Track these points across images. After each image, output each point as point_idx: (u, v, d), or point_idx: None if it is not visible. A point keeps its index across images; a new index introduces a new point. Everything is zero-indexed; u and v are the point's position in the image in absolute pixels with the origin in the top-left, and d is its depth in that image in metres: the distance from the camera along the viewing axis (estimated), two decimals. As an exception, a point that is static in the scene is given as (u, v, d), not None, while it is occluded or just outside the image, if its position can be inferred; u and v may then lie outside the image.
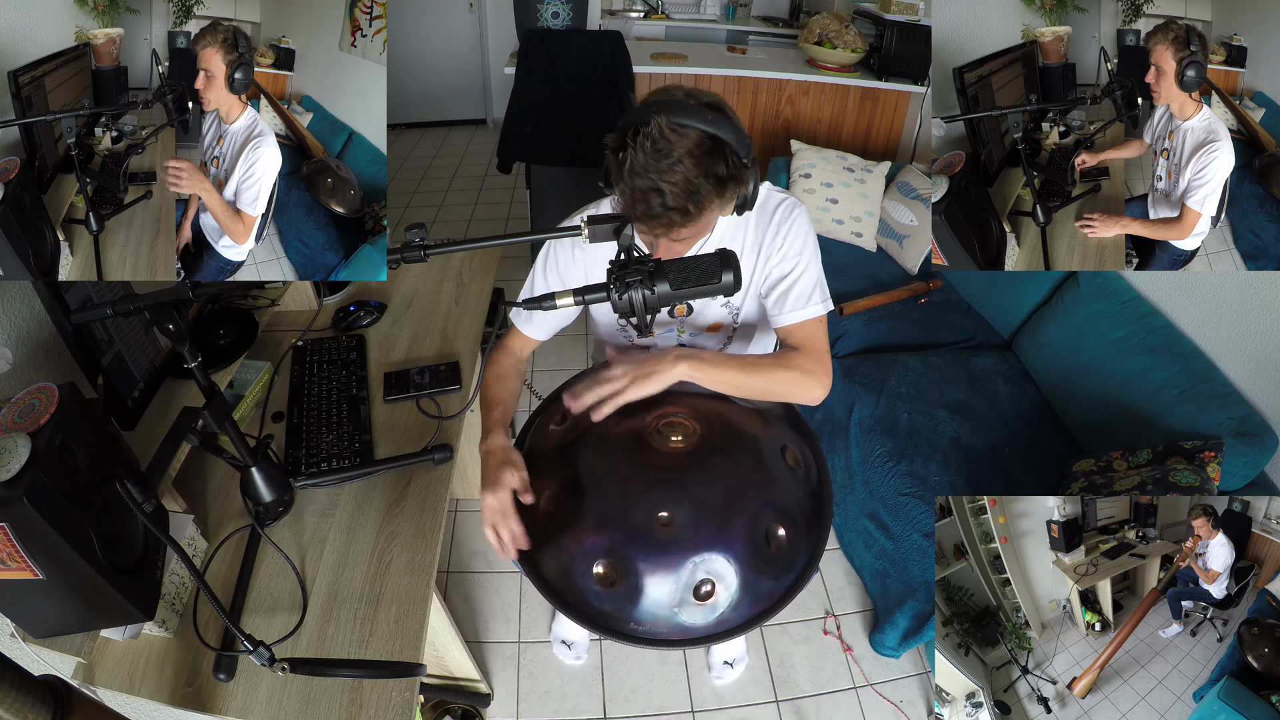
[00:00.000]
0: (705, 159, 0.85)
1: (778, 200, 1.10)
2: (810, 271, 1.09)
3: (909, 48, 3.09)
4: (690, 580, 0.83)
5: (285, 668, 0.80)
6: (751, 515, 0.87)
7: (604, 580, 0.84)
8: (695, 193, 0.86)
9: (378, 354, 1.46)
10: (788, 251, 1.09)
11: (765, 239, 1.09)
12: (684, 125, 0.84)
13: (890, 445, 1.85)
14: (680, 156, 0.84)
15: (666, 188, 0.84)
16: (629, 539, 0.84)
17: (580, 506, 0.88)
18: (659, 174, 0.84)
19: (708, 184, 0.86)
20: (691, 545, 0.83)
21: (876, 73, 3.23)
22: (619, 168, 0.87)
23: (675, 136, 0.84)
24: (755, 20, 4.18)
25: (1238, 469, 1.50)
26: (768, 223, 1.09)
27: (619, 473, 0.90)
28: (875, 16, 3.22)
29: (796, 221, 1.09)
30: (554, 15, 3.11)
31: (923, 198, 2.49)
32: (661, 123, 0.84)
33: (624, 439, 0.92)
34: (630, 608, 0.83)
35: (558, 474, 0.93)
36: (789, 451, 0.93)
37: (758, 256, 1.11)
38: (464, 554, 2.08)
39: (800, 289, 1.09)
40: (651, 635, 0.84)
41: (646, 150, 0.84)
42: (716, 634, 0.86)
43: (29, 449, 0.66)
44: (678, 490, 0.87)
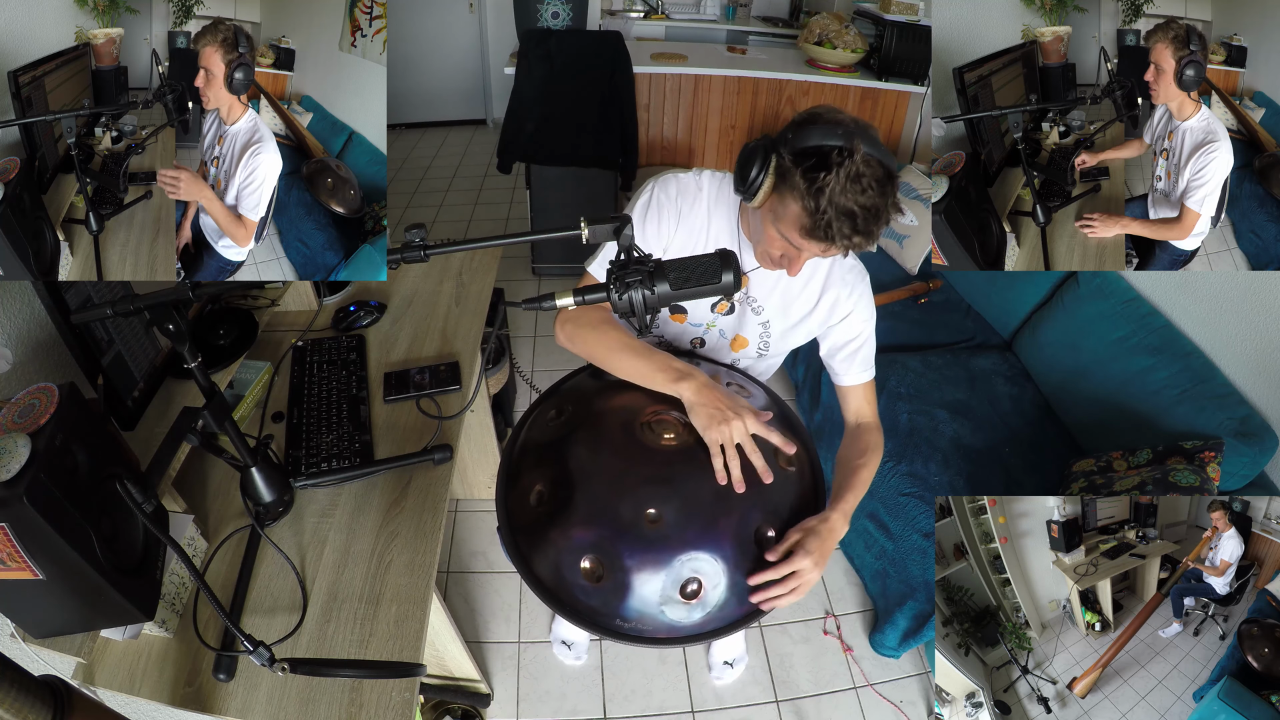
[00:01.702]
0: (890, 188, 0.91)
1: (850, 262, 1.14)
2: (868, 336, 1.16)
3: (909, 48, 3.09)
4: (677, 578, 0.83)
5: (285, 668, 0.80)
6: (740, 515, 0.87)
7: (591, 575, 0.84)
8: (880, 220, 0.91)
9: (378, 354, 1.46)
10: (863, 313, 1.14)
11: (842, 293, 1.13)
12: (874, 157, 0.89)
13: (890, 445, 1.85)
14: (881, 185, 0.89)
15: (860, 213, 0.89)
16: (617, 535, 0.84)
17: (570, 501, 0.88)
18: (883, 196, 0.89)
19: (888, 214, 0.92)
20: (679, 543, 0.83)
21: (876, 73, 3.23)
22: (809, 185, 0.89)
23: (871, 167, 0.88)
24: (755, 20, 4.18)
25: (1238, 469, 1.50)
26: (844, 273, 1.12)
27: (609, 468, 0.90)
28: (875, 16, 3.21)
29: (866, 282, 1.14)
30: (554, 15, 3.11)
31: (923, 198, 2.49)
32: (864, 151, 0.88)
33: (615, 435, 0.92)
34: (617, 603, 0.83)
35: (549, 468, 0.93)
36: (780, 454, 0.93)
37: (820, 301, 1.13)
38: (464, 554, 2.08)
39: (867, 352, 1.17)
40: (638, 633, 0.84)
41: (866, 174, 0.88)
42: (703, 633, 0.86)
43: (29, 449, 0.66)
44: (667, 488, 0.87)
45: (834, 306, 1.13)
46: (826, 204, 0.88)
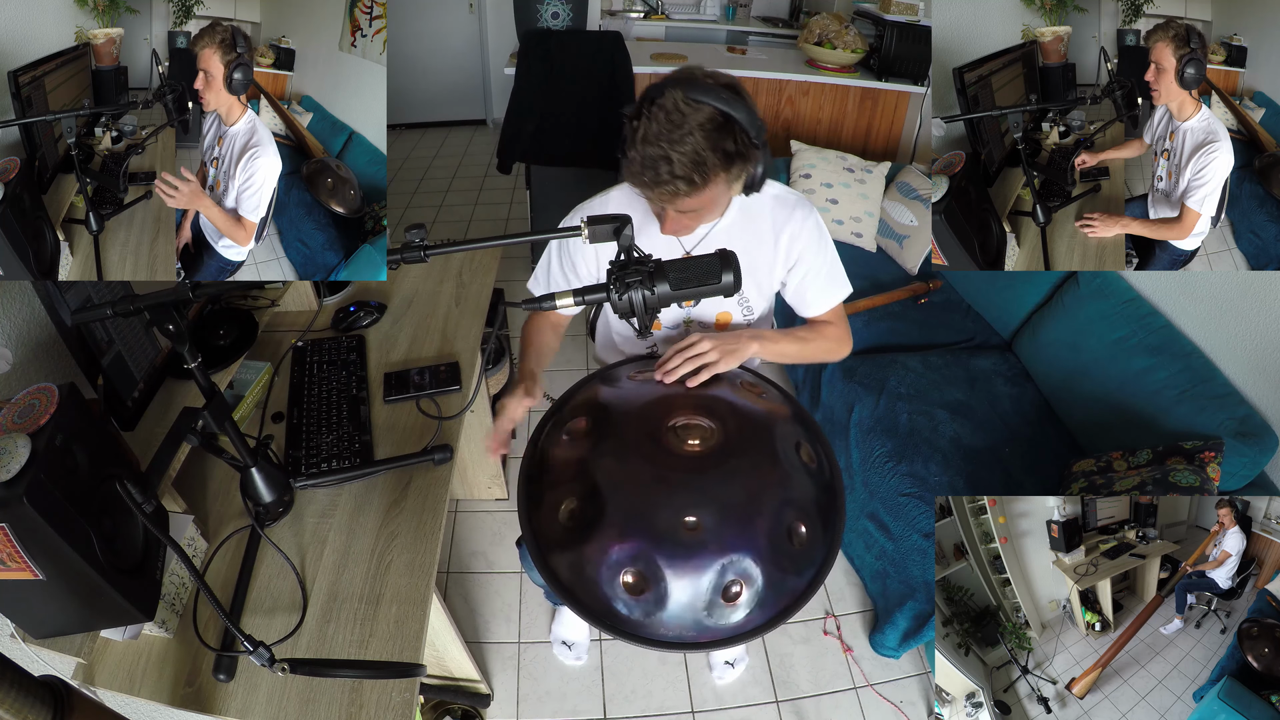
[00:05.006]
0: (715, 134, 0.90)
1: (794, 199, 1.16)
2: (825, 264, 1.19)
3: (909, 48, 3.09)
4: (719, 582, 0.82)
5: (285, 668, 0.80)
6: (774, 513, 0.87)
7: (633, 589, 0.83)
8: (702, 164, 0.91)
9: (378, 354, 1.46)
10: (806, 248, 1.17)
11: (784, 236, 1.15)
12: (699, 100, 0.90)
13: (890, 445, 1.85)
14: (692, 129, 0.89)
15: (675, 156, 0.90)
16: (656, 545, 0.83)
17: (603, 515, 0.86)
18: (670, 143, 0.90)
19: (715, 157, 0.91)
20: (719, 547, 0.83)
21: (876, 73, 3.23)
22: (633, 135, 0.93)
23: (689, 109, 0.90)
24: (755, 20, 4.18)
25: (1238, 469, 1.50)
26: (787, 218, 1.15)
27: (640, 479, 0.89)
28: (875, 17, 3.21)
29: (809, 219, 1.16)
30: (554, 15, 3.11)
31: (923, 198, 2.49)
32: (677, 96, 0.90)
33: (642, 445, 0.92)
34: (659, 613, 0.82)
35: (578, 483, 0.92)
36: (803, 448, 0.93)
37: (775, 250, 1.17)
38: (464, 554, 2.08)
39: (820, 283, 1.20)
40: (678, 639, 0.84)
41: (660, 120, 0.90)
42: (744, 633, 0.85)
43: (29, 449, 0.66)
44: (701, 493, 0.87)
45: (790, 244, 1.17)
46: (640, 151, 0.92)
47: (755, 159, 0.98)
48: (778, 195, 1.16)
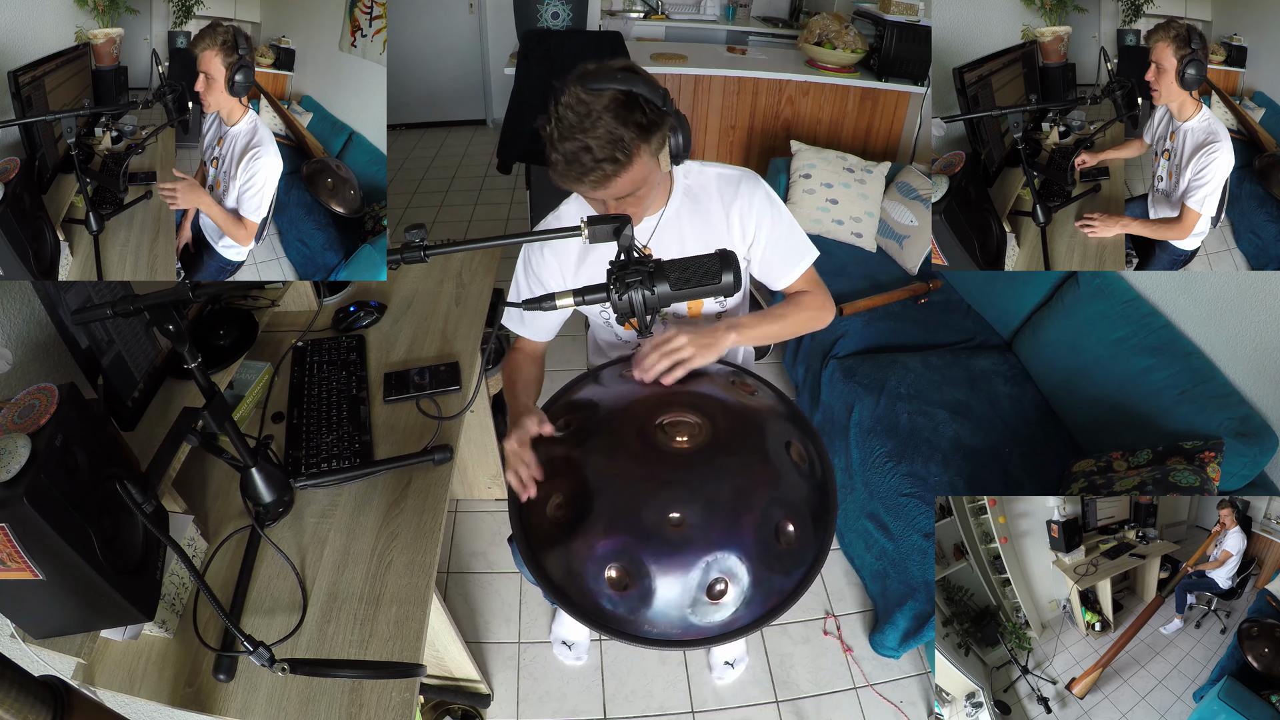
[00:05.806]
0: (623, 111, 0.93)
1: (738, 174, 1.17)
2: (784, 232, 1.19)
3: (909, 48, 3.09)
4: (704, 579, 0.82)
5: (285, 668, 0.80)
6: (761, 512, 0.87)
7: (617, 584, 0.83)
8: (620, 140, 0.93)
9: (378, 354, 1.46)
10: (760, 220, 1.17)
11: (734, 212, 1.16)
12: (598, 88, 0.93)
13: (890, 445, 1.85)
14: (599, 113, 0.92)
15: (593, 143, 0.92)
16: (641, 541, 0.83)
17: (590, 511, 0.87)
18: (584, 132, 0.92)
19: (630, 132, 0.94)
20: (704, 545, 0.83)
21: (876, 73, 3.23)
22: (549, 140, 0.96)
23: (591, 98, 0.93)
24: (755, 20, 4.19)
25: (1238, 469, 1.50)
26: (734, 194, 1.16)
27: (627, 475, 0.89)
28: (875, 17, 3.22)
29: (757, 191, 1.17)
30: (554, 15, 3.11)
31: (923, 198, 2.49)
32: (578, 90, 0.93)
33: (630, 441, 0.92)
34: (644, 610, 0.83)
35: (566, 479, 0.93)
36: (793, 447, 0.93)
37: (729, 227, 1.18)
38: (464, 554, 2.08)
39: (783, 251, 1.20)
40: (664, 636, 0.84)
41: (569, 116, 0.93)
42: (730, 632, 0.85)
43: (29, 449, 0.66)
44: (687, 490, 0.87)
45: (743, 219, 1.17)
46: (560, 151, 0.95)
47: (669, 124, 1.00)
48: (721, 173, 1.17)
